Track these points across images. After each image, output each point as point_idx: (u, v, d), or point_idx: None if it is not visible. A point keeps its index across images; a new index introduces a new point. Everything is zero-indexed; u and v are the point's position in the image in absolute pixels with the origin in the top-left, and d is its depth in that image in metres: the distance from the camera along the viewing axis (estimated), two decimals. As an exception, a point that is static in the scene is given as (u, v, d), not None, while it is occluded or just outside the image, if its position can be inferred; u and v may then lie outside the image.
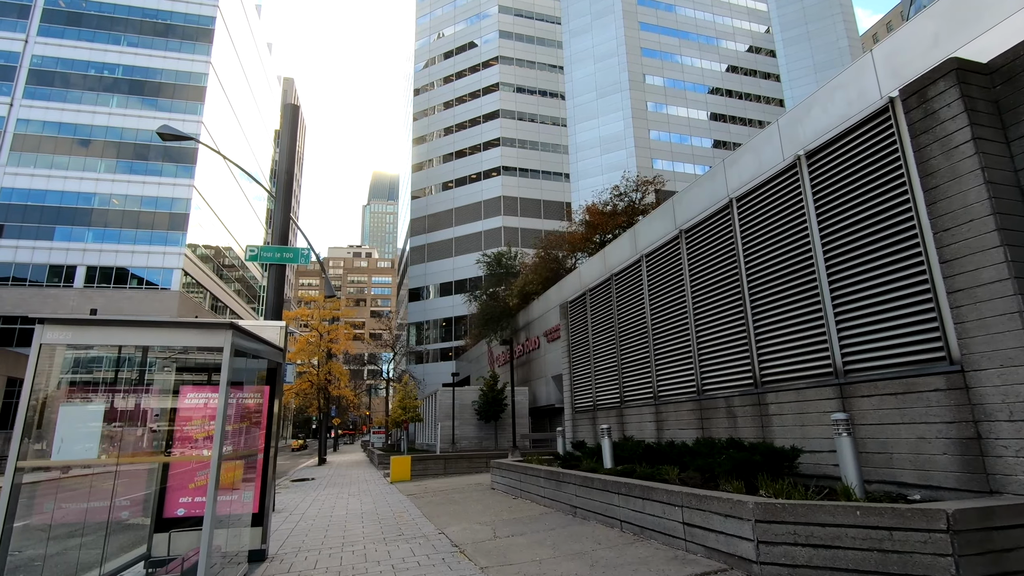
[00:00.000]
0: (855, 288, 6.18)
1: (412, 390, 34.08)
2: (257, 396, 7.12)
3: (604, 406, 12.30)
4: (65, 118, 49.64)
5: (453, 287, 59.20)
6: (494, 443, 29.25)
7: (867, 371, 6.00)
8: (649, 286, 10.67)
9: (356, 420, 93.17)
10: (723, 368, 8.45)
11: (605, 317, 12.48)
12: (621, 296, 11.77)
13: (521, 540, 6.65)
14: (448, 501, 10.94)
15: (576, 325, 14.16)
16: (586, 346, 13.37)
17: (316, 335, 31.44)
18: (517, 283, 33.09)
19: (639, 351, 10.90)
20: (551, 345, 27.96)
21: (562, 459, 10.46)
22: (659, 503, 5.82)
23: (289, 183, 12.99)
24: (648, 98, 62.55)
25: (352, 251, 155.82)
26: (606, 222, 25.30)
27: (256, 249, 12.21)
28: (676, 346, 9.69)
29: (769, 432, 7.39)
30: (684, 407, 9.33)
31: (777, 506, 4.33)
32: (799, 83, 68.20)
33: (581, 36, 65.89)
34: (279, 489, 17.08)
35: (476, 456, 17.81)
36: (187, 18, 54.99)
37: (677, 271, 9.80)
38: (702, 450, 7.26)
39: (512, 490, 11.07)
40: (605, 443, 8.96)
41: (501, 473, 11.92)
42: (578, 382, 13.77)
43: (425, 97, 67.90)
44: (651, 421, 10.32)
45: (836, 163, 6.55)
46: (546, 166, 62.23)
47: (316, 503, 12.51)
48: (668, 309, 10.01)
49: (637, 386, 10.94)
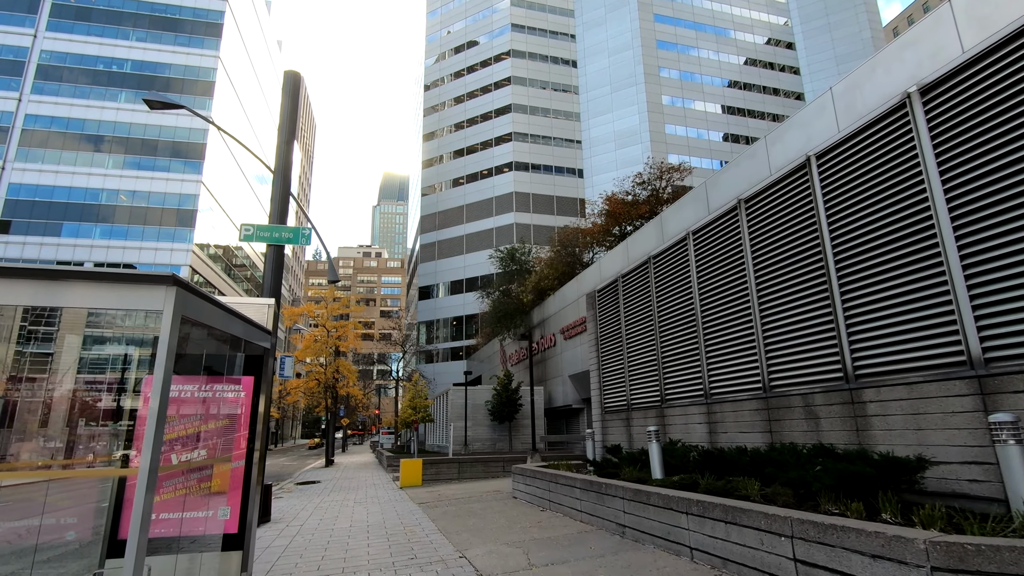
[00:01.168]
0: (996, 245, 4.76)
1: (422, 389, 32.83)
2: (236, 389, 5.84)
3: (640, 405, 10.92)
4: (73, 113, 49.13)
5: (464, 285, 57.98)
6: (508, 445, 27.90)
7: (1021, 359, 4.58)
8: (698, 266, 9.27)
9: (365, 420, 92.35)
10: (798, 358, 7.04)
11: (641, 305, 11.10)
12: (662, 280, 10.38)
13: (565, 571, 5.30)
14: (466, 512, 9.61)
15: (606, 316, 12.79)
16: (618, 339, 11.99)
17: (323, 332, 30.30)
18: (532, 279, 31.76)
19: (685, 342, 9.51)
20: (568, 342, 26.59)
21: (597, 465, 9.09)
22: (754, 530, 4.44)
23: (288, 156, 11.76)
24: (664, 92, 60.95)
25: (362, 251, 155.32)
26: (628, 212, 23.87)
27: (252, 228, 10.99)
28: (734, 333, 8.29)
29: (867, 437, 5.98)
30: (745, 406, 7.93)
31: (968, 548, 2.94)
32: (820, 76, 66.13)
33: (595, 29, 64.44)
34: (281, 493, 15.87)
35: (492, 460, 16.50)
36: (196, 12, 54.37)
37: (733, 246, 8.40)
38: (785, 458, 5.86)
39: (538, 500, 9.72)
40: (653, 448, 7.58)
41: (524, 480, 10.58)
42: (609, 379, 12.39)
43: (436, 92, 66.79)
44: (701, 422, 8.92)
45: (964, 96, 5.15)
46: (559, 161, 60.83)
47: (318, 511, 11.25)
48: (722, 291, 8.61)
49: (683, 382, 9.55)
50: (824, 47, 68.13)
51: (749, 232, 8.08)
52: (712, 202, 9.25)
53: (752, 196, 8.10)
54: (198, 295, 3.24)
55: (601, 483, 7.22)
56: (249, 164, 63.26)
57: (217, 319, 3.59)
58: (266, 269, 10.84)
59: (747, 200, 8.19)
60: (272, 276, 10.80)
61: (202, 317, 3.34)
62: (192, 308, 3.20)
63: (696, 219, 9.58)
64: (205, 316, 3.42)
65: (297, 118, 12.19)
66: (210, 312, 3.48)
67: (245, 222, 10.16)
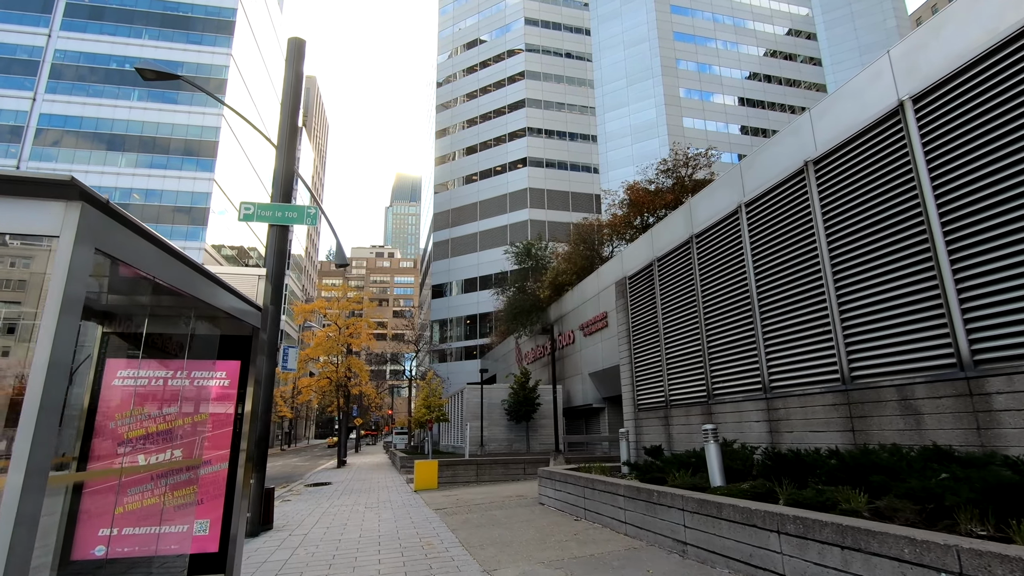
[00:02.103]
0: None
1: (437, 387, 31.90)
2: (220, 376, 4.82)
3: (682, 401, 9.78)
4: (87, 112, 49.12)
5: (478, 283, 57.04)
6: (526, 446, 26.83)
7: None
8: (752, 240, 8.11)
9: (379, 421, 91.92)
10: (888, 343, 5.88)
11: (682, 290, 9.96)
12: (707, 260, 9.24)
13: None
14: (489, 521, 8.56)
15: (639, 305, 11.65)
16: (654, 329, 10.86)
17: (335, 329, 29.50)
18: (549, 274, 30.67)
19: (738, 327, 8.36)
20: (588, 339, 25.45)
21: (638, 469, 7.97)
22: (892, 560, 3.30)
23: (293, 130, 10.82)
24: (681, 84, 59.47)
25: (375, 251, 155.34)
26: (651, 201, 22.66)
27: (252, 207, 10.06)
28: (800, 315, 7.13)
29: (993, 437, 4.81)
30: (817, 400, 6.77)
31: None
32: (843, 67, 64.05)
33: (610, 21, 63.14)
34: (290, 496, 14.96)
35: (512, 461, 15.43)
36: (208, 10, 54.17)
37: (797, 215, 7.25)
38: (896, 464, 4.70)
39: (571, 508, 8.64)
40: (711, 450, 6.46)
41: (553, 485, 9.50)
42: (643, 373, 11.25)
43: (448, 88, 65.98)
44: (759, 420, 7.77)
45: None
46: (574, 157, 59.65)
47: (326, 517, 10.28)
48: (784, 266, 7.46)
49: (735, 374, 8.40)
50: (847, 37, 66.05)
51: (820, 196, 6.92)
52: (768, 170, 8.10)
53: (828, 154, 6.94)
54: (121, 220, 2.21)
55: (652, 491, 6.11)
56: (264, 166, 63.00)
57: (156, 264, 2.52)
58: (268, 253, 9.90)
59: (818, 160, 7.03)
60: (275, 261, 9.85)
61: (130, 256, 2.29)
62: (113, 240, 2.16)
63: (754, 187, 8.43)
64: (136, 256, 2.36)
65: (301, 88, 11.25)
66: (146, 252, 2.43)
67: (245, 200, 9.20)
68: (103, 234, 2.08)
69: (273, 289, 9.52)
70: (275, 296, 9.48)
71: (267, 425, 9.13)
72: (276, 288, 9.47)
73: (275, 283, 9.49)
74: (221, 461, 4.79)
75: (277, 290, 9.53)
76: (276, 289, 9.50)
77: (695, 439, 9.30)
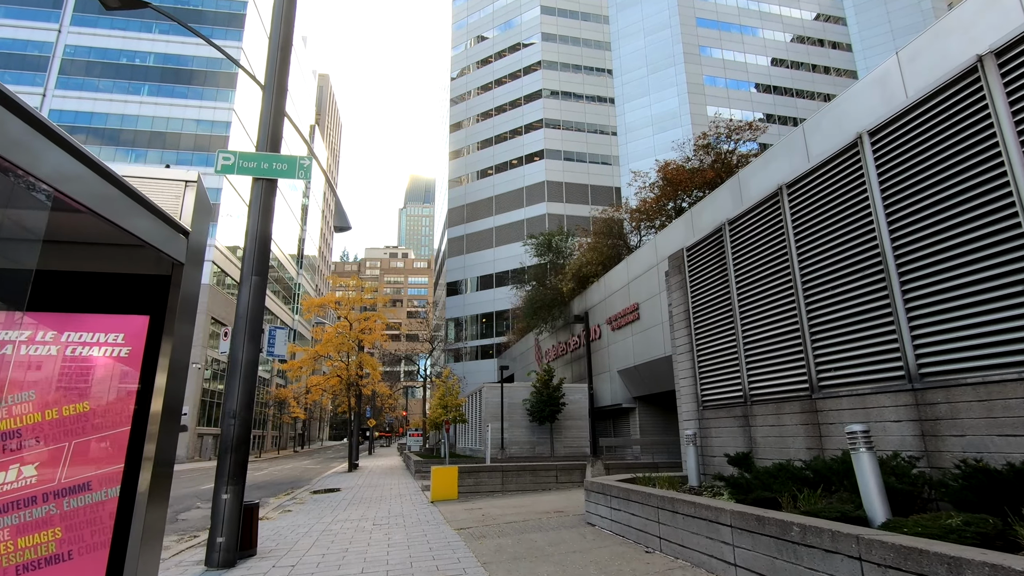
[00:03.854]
0: None
1: (453, 386, 30.03)
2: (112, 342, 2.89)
3: (769, 396, 7.71)
4: (97, 108, 48.39)
5: (494, 280, 55.19)
6: (549, 448, 24.83)
7: None
8: (882, 179, 6.04)
9: (393, 422, 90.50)
10: None
11: (768, 254, 7.90)
12: (807, 211, 7.17)
13: None
14: (529, 550, 6.58)
15: (703, 280, 9.61)
16: (726, 306, 8.81)
17: (346, 324, 27.80)
18: (572, 264, 28.70)
19: (858, 293, 6.28)
20: (616, 334, 23.41)
21: (735, 486, 5.93)
22: None
23: (283, 69, 9.00)
24: (705, 71, 57.05)
25: (388, 252, 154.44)
26: (688, 179, 20.53)
27: (232, 156, 8.24)
28: (983, 264, 5.05)
29: None
30: (1008, 392, 4.68)
31: None
32: (875, 51, 60.97)
33: (629, 9, 60.96)
34: (291, 505, 13.14)
35: (542, 468, 13.44)
36: (218, 3, 53.24)
37: (980, 123, 5.16)
38: None
39: (636, 535, 6.63)
40: (864, 461, 4.41)
41: (608, 502, 7.50)
42: (710, 362, 9.20)
43: (463, 81, 64.33)
44: (900, 420, 5.69)
45: None
46: (593, 149, 57.53)
47: (325, 538, 8.40)
48: (933, 208, 5.37)
49: (853, 358, 6.32)
50: (879, 20, 62.92)
51: (1009, 98, 4.85)
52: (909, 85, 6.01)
53: (1009, 45, 4.87)
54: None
55: (791, 524, 4.08)
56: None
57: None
58: (251, 212, 8.06)
59: (1001, 51, 4.96)
60: (259, 221, 7.99)
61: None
62: None
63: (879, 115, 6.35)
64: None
65: (293, 21, 9.46)
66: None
67: (223, 150, 7.28)
68: None
69: (259, 253, 7.66)
70: (260, 262, 7.63)
71: (248, 424, 7.28)
72: (262, 251, 7.62)
73: (260, 246, 7.65)
74: (108, 484, 2.69)
75: (263, 254, 7.69)
76: (262, 253, 7.66)
77: (789, 444, 7.24)
